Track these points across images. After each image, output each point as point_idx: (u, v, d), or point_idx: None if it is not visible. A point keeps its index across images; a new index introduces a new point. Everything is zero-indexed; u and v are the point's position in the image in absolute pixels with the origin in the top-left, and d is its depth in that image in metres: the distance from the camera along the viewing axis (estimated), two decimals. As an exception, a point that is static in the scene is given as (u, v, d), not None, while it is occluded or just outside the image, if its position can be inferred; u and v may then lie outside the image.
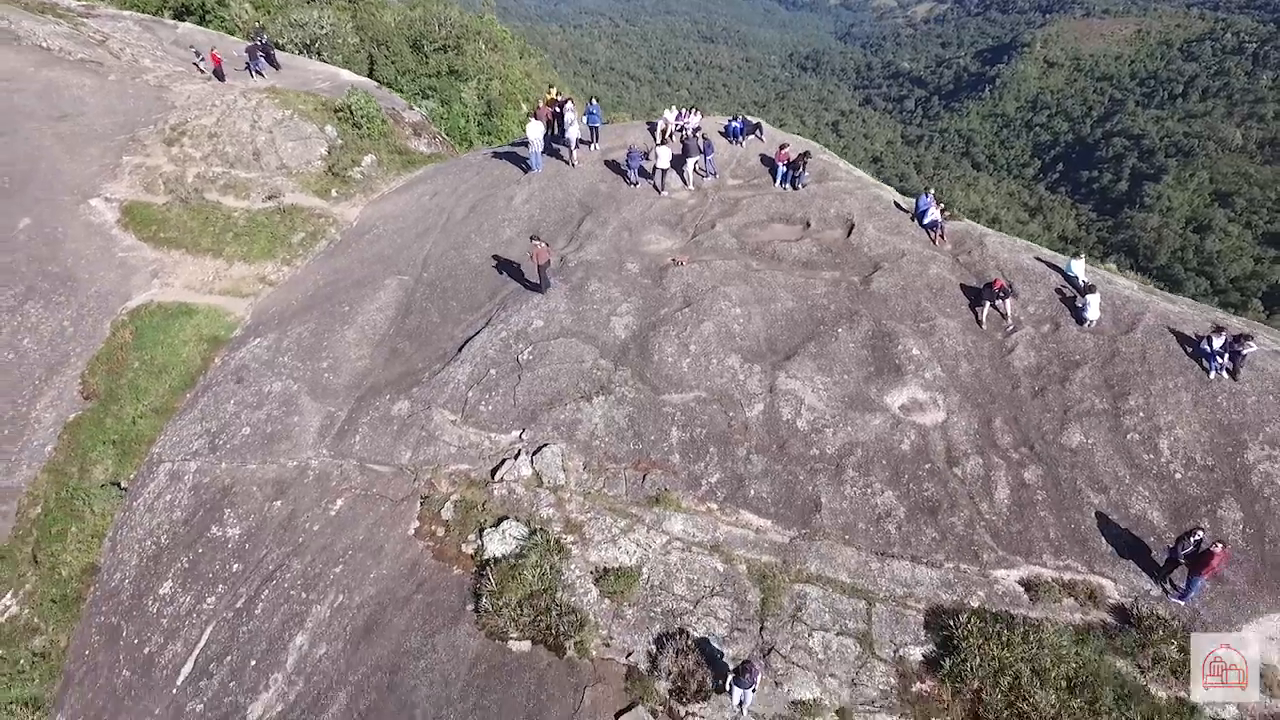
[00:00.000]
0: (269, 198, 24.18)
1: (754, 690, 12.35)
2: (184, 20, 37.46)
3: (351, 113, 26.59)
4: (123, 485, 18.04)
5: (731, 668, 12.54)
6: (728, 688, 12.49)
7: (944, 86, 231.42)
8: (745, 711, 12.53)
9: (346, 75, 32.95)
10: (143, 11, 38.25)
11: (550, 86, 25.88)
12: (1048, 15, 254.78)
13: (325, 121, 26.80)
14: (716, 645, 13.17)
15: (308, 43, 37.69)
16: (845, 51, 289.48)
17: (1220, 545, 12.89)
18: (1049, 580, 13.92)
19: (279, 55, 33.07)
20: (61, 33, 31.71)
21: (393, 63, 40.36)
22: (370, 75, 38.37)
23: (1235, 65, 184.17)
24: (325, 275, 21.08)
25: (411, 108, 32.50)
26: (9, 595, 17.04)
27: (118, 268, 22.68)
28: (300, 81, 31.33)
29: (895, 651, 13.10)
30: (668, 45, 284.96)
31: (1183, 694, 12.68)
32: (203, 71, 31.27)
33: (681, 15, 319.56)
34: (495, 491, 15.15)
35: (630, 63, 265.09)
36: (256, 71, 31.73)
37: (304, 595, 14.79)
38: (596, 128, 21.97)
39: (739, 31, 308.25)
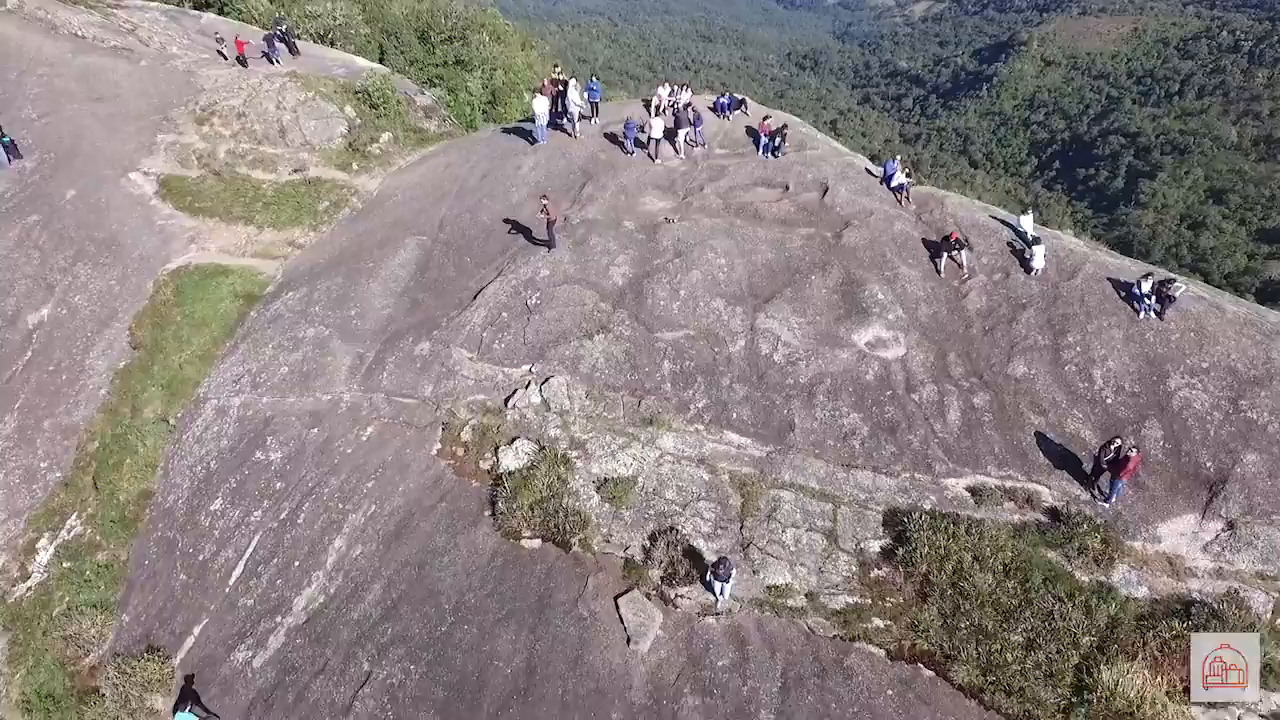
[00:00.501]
0: (295, 171, 25.97)
1: (730, 581, 14.23)
2: (205, 11, 39.15)
3: (369, 95, 28.35)
4: (171, 422, 19.87)
5: (709, 563, 14.43)
6: (708, 580, 14.38)
7: (942, 85, 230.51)
8: (726, 596, 14.42)
9: (361, 62, 34.66)
10: (166, 3, 39.94)
11: (555, 66, 27.56)
12: (1045, 14, 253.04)
13: (344, 103, 28.56)
14: (703, 541, 15.06)
15: (321, 33, 39.44)
16: (843, 50, 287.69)
17: (1135, 450, 14.78)
18: (992, 487, 15.81)
19: (298, 43, 34.81)
20: (94, 22, 33.41)
21: (402, 53, 42.13)
22: (381, 64, 40.05)
23: (1232, 63, 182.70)
24: (349, 238, 22.91)
25: (422, 92, 34.26)
26: (74, 517, 18.86)
27: (157, 234, 24.45)
28: (318, 67, 33.01)
29: (857, 545, 14.98)
30: (666, 44, 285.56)
31: (1103, 579, 14.58)
32: (226, 58, 32.97)
33: (680, 15, 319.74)
34: (509, 417, 17.00)
35: (629, 62, 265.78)
36: (275, 59, 33.43)
37: (341, 506, 16.65)
38: (596, 103, 23.78)
39: (737, 31, 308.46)
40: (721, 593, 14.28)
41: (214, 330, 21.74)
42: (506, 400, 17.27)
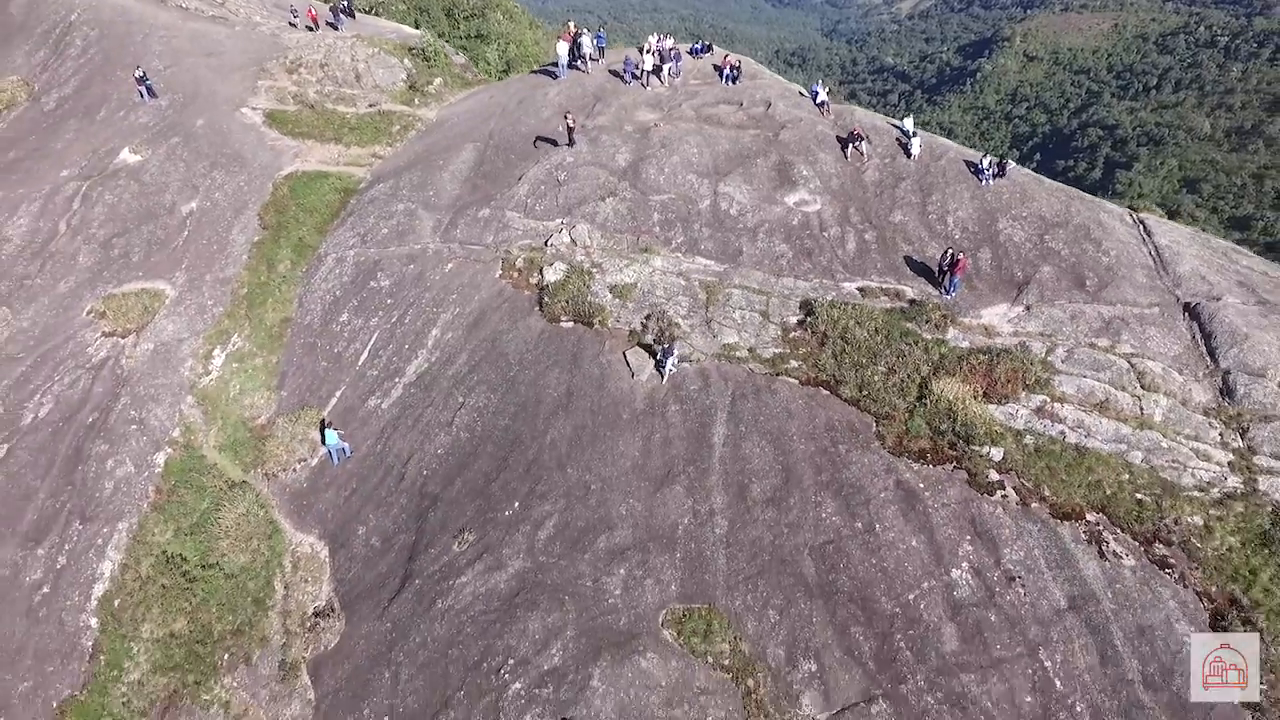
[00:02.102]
0: (370, 105, 32.44)
1: (673, 356, 20.06)
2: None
3: (423, 51, 34.83)
4: (299, 272, 26.52)
5: (659, 349, 20.66)
6: (659, 361, 20.71)
7: (927, 80, 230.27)
8: (674, 367, 20.56)
9: (408, 30, 40.90)
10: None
11: (569, 22, 33.97)
12: (1028, 10, 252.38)
13: (403, 56, 34.99)
14: (681, 319, 21.89)
15: (368, 8, 45.60)
16: (831, 47, 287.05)
17: (961, 254, 21.73)
18: (873, 287, 22.67)
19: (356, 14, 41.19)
20: (191, -4, 39.71)
21: (432, 26, 48.25)
22: (417, 34, 46.29)
23: (1208, 58, 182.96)
24: (420, 148, 29.46)
25: (457, 54, 40.72)
26: (236, 336, 25.44)
27: (269, 150, 30.87)
28: (375, 31, 39.28)
29: (781, 319, 21.82)
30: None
31: (940, 336, 21.45)
32: (296, 25, 39.36)
33: (669, 13, 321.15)
34: (548, 251, 23.72)
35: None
36: (339, 25, 39.80)
37: (434, 310, 23.36)
38: (603, 48, 30.28)
39: (726, 29, 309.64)
40: (668, 368, 20.50)
41: (322, 214, 28.33)
42: (545, 242, 24.00)
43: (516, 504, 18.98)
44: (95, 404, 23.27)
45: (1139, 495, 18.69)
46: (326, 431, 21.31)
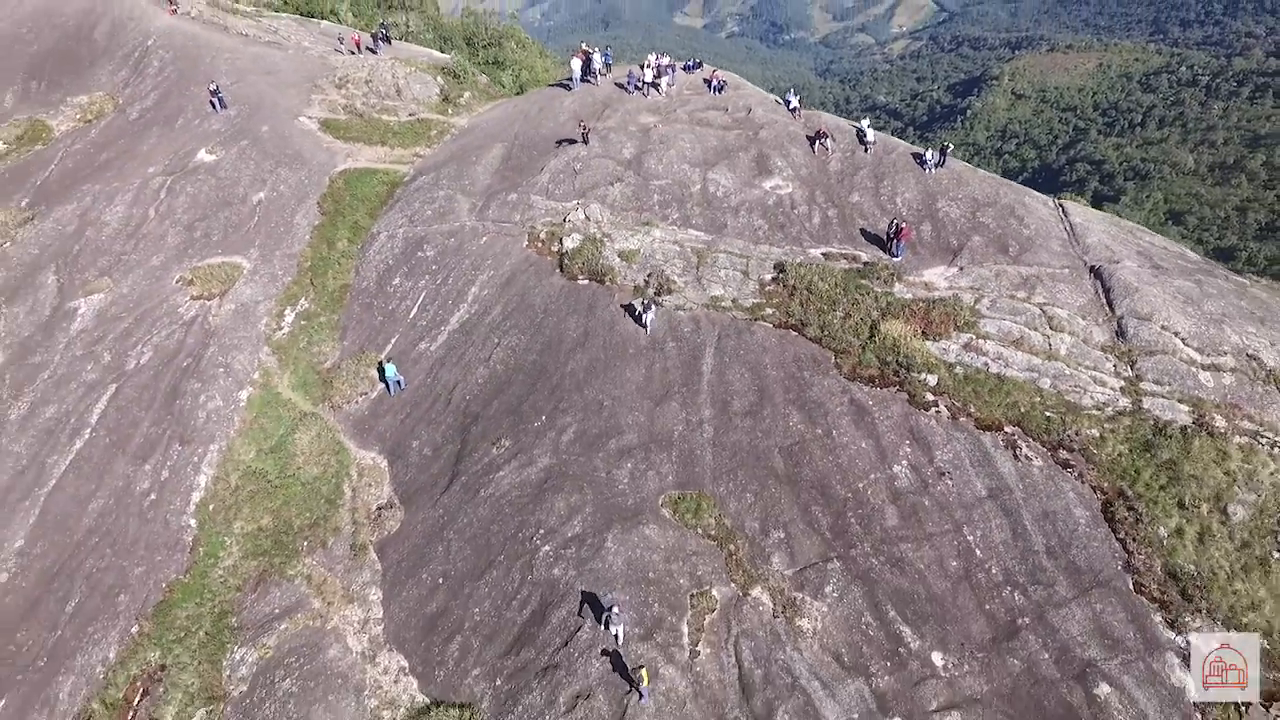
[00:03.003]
0: (409, 115, 37.13)
1: (650, 314, 24.35)
2: (320, 20, 50.58)
3: (453, 70, 39.73)
4: (356, 248, 30.90)
5: (640, 308, 24.93)
6: (638, 316, 24.94)
7: (918, 118, 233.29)
8: (651, 323, 24.95)
9: (438, 54, 45.99)
10: (283, 11, 51.36)
11: (582, 43, 38.84)
12: (1016, 51, 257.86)
13: (436, 74, 39.84)
14: (676, 277, 26.23)
15: (400, 36, 50.73)
16: (825, 86, 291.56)
17: (905, 224, 26.16)
18: (835, 253, 27.01)
19: (392, 40, 46.27)
20: (250, 25, 44.62)
21: (455, 51, 53.43)
22: (441, 61, 51.48)
23: (1190, 96, 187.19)
24: (455, 148, 34.04)
25: (480, 75, 45.76)
26: (303, 299, 29.59)
27: (325, 151, 35.42)
28: (408, 55, 44.29)
29: (758, 276, 26.07)
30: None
31: (888, 290, 25.75)
32: (341, 51, 44.36)
33: (665, 52, 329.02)
34: (566, 225, 28.09)
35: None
36: (377, 50, 44.80)
37: (472, 272, 27.60)
38: (609, 64, 35.14)
39: (722, 69, 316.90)
40: (648, 321, 24.68)
41: (373, 202, 32.78)
42: (564, 219, 28.37)
43: (543, 417, 23.11)
44: (188, 352, 27.42)
45: (1047, 413, 22.76)
46: (385, 367, 25.49)
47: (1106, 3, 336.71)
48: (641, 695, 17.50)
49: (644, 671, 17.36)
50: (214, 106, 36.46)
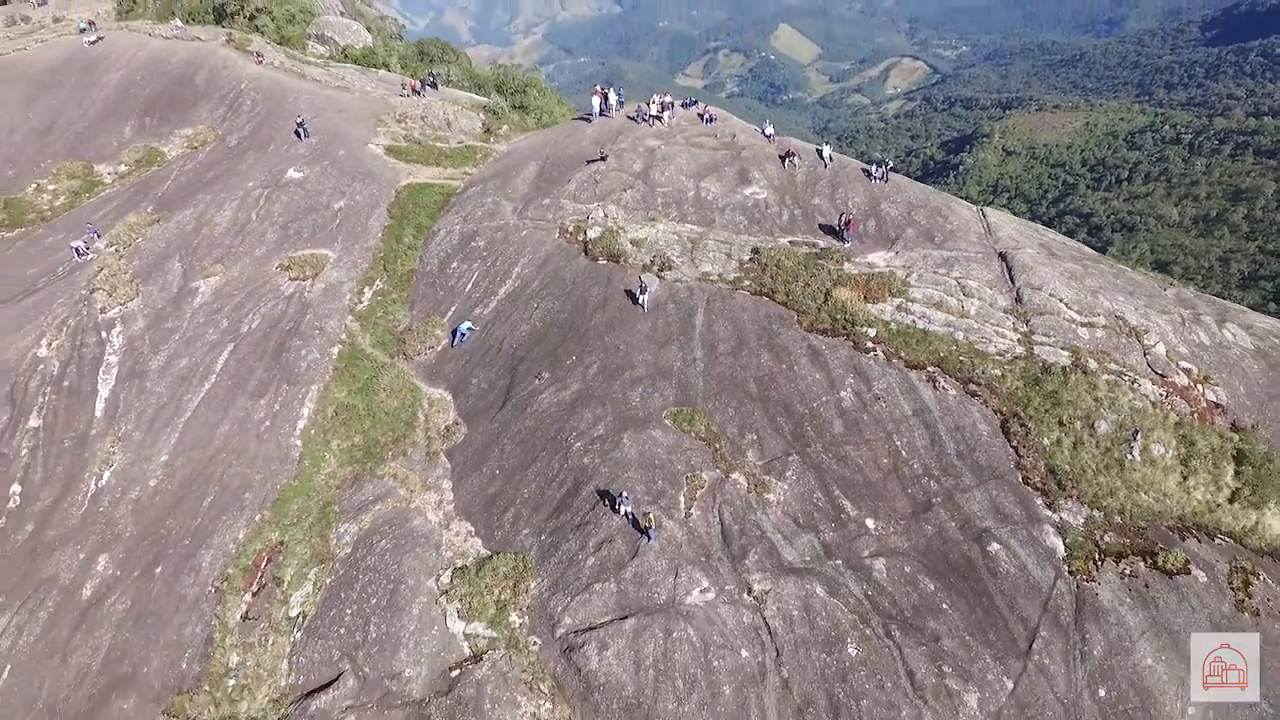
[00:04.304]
0: (458, 143, 44.67)
1: (648, 292, 31.63)
2: (377, 69, 59.03)
3: (493, 109, 47.59)
4: (419, 243, 37.95)
5: (639, 288, 32.00)
6: (634, 295, 31.98)
7: (913, 173, 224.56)
8: (648, 301, 31.85)
9: (476, 97, 54.10)
10: (340, 62, 59.89)
11: (597, 85, 46.72)
12: (1006, 110, 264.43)
13: (478, 112, 47.65)
14: (675, 257, 33.12)
15: (444, 83, 59.09)
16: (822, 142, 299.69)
17: (851, 217, 33.19)
18: (799, 241, 33.84)
19: (440, 85, 54.42)
20: (321, 73, 52.84)
21: (494, 92, 61.91)
22: (476, 105, 59.71)
23: (1174, 153, 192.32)
24: (498, 167, 41.41)
25: (513, 113, 53.79)
26: (378, 280, 36.42)
27: (391, 170, 42.78)
28: (453, 98, 52.42)
29: (739, 257, 32.82)
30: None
31: (839, 266, 32.62)
32: (403, 94, 52.43)
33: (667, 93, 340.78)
34: (589, 220, 35.17)
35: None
36: (425, 93, 52.89)
37: (515, 256, 34.48)
38: (622, 101, 42.91)
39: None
40: (646, 298, 31.67)
41: (432, 208, 39.94)
42: (587, 216, 35.46)
43: (574, 357, 29.65)
44: (290, 319, 34.12)
45: (960, 357, 29.06)
46: (460, 326, 32.18)
47: (1094, 66, 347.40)
48: (650, 537, 23.62)
49: (652, 518, 23.53)
50: (298, 136, 43.92)
